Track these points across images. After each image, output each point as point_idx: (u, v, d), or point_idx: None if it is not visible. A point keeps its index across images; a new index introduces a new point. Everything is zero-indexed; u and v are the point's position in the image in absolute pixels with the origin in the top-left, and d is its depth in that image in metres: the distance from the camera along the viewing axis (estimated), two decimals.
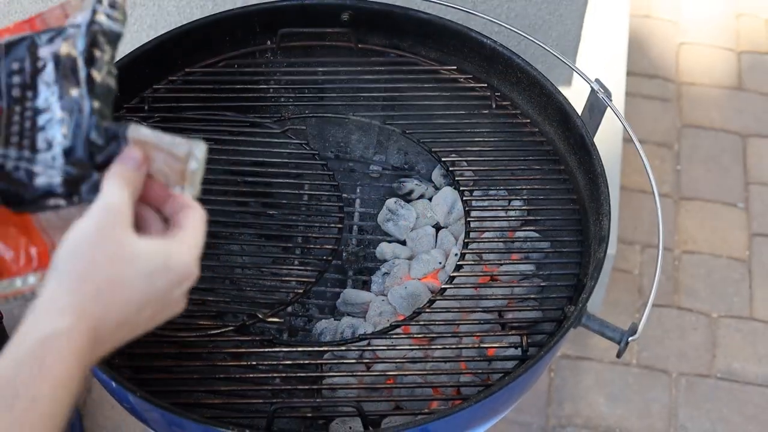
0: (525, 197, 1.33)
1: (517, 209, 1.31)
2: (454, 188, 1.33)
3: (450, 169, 1.29)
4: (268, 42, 1.41)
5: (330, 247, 1.21)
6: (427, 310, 1.14)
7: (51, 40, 0.73)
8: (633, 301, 2.05)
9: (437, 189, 1.45)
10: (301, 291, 1.16)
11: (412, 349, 1.16)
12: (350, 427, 1.12)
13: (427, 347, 1.16)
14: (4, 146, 0.70)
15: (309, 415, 1.13)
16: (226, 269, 1.32)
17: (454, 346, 1.15)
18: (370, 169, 1.51)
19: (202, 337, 1.11)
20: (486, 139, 1.32)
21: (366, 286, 1.34)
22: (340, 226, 1.23)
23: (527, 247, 1.28)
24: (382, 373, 1.16)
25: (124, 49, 1.81)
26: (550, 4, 1.76)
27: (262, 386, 1.10)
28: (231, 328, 1.12)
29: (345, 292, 1.31)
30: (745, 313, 2.03)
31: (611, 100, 1.23)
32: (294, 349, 1.14)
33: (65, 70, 0.72)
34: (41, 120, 0.71)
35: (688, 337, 1.99)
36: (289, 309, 1.30)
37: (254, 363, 1.14)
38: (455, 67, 1.38)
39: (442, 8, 1.43)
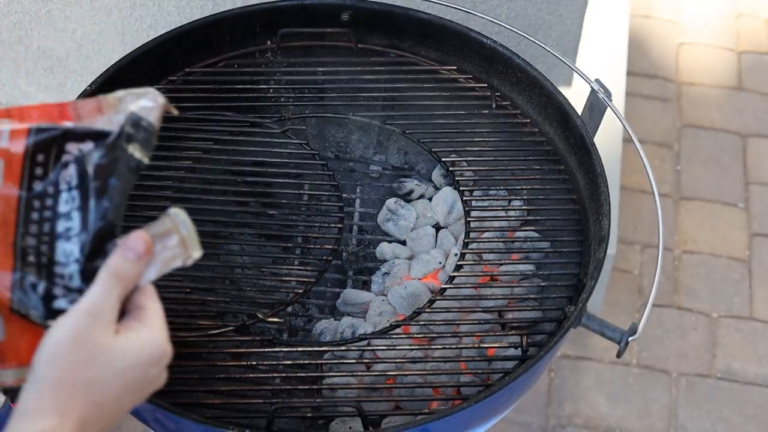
0: (525, 197, 1.33)
1: (517, 209, 1.31)
2: (454, 188, 1.33)
3: (450, 169, 1.29)
4: (268, 42, 1.41)
5: (330, 247, 1.21)
6: (427, 310, 1.14)
7: (80, 139, 0.71)
8: (633, 301, 2.05)
9: (437, 189, 1.45)
10: (301, 291, 1.16)
11: (412, 349, 1.16)
12: (350, 427, 1.12)
13: (427, 347, 1.16)
14: (22, 262, 0.69)
15: (309, 415, 1.13)
16: (226, 269, 1.32)
17: (454, 346, 1.15)
18: (370, 169, 1.51)
19: (202, 337, 1.11)
20: (486, 139, 1.32)
21: (366, 286, 1.34)
22: (340, 226, 1.23)
23: (527, 247, 1.28)
24: (382, 373, 1.16)
25: (124, 48, 1.82)
26: (550, 4, 1.76)
27: (262, 386, 1.10)
28: (231, 328, 1.12)
29: (345, 292, 1.31)
30: (745, 313, 2.03)
31: (611, 100, 1.23)
32: (294, 349, 1.14)
33: (86, 177, 0.70)
34: (60, 226, 0.70)
35: (688, 337, 1.99)
36: (289, 309, 1.30)
37: (254, 363, 1.14)
38: (455, 67, 1.38)
39: (442, 8, 1.43)
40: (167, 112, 0.74)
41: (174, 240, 0.72)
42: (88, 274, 0.69)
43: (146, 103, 0.72)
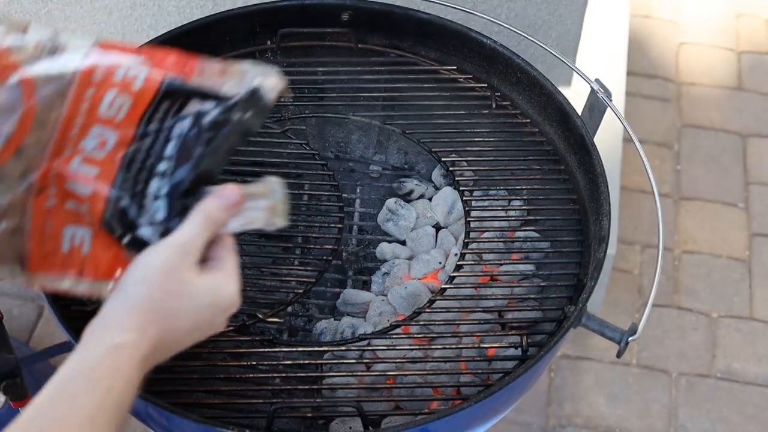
0: (525, 197, 1.33)
1: (517, 209, 1.31)
2: (454, 188, 1.33)
3: (450, 169, 1.29)
4: (268, 42, 1.41)
5: (330, 247, 1.21)
6: (427, 310, 1.14)
7: (203, 98, 0.77)
8: (633, 301, 2.05)
9: (437, 189, 1.45)
10: (301, 291, 1.16)
11: (412, 349, 1.16)
12: (350, 427, 1.12)
13: (427, 347, 1.16)
14: (121, 183, 0.74)
15: (309, 415, 1.13)
16: None
17: (454, 346, 1.15)
18: (370, 169, 1.51)
19: None
20: (486, 139, 1.32)
21: (366, 286, 1.34)
22: (340, 226, 1.23)
23: (527, 247, 1.28)
24: (382, 373, 1.16)
25: None
26: (550, 4, 1.76)
27: (262, 386, 1.10)
28: (231, 328, 1.12)
29: (345, 292, 1.31)
30: (745, 313, 2.03)
31: (611, 100, 1.23)
32: (294, 349, 1.14)
33: (199, 130, 0.75)
34: (161, 166, 0.75)
35: (688, 337, 1.99)
36: (289, 309, 1.30)
37: (254, 363, 1.14)
38: (455, 67, 1.38)
39: (442, 8, 1.43)
40: (282, 95, 0.80)
41: (263, 204, 0.78)
42: (172, 213, 0.74)
43: (267, 81, 0.79)
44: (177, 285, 0.71)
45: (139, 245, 0.74)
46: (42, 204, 0.73)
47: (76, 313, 1.04)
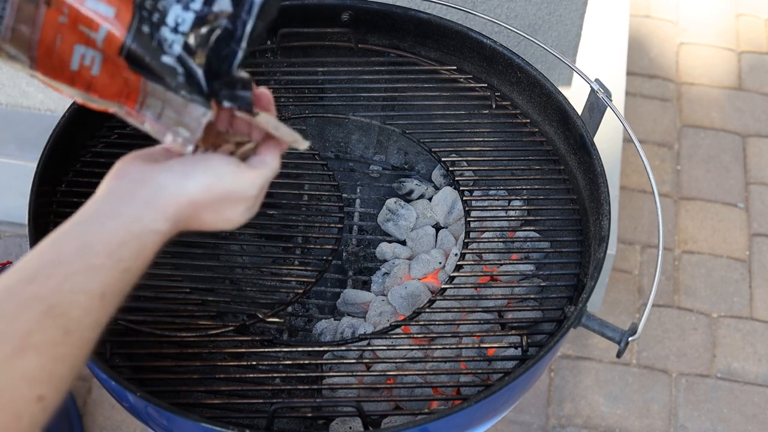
0: (525, 197, 1.33)
1: (517, 209, 1.31)
2: (454, 188, 1.33)
3: (450, 169, 1.29)
4: (268, 42, 1.41)
5: (330, 247, 1.21)
6: (427, 310, 1.14)
7: None
8: (633, 301, 2.05)
9: (437, 189, 1.45)
10: (301, 291, 1.16)
11: (412, 349, 1.16)
12: (350, 427, 1.12)
13: (427, 347, 1.16)
14: (140, 14, 0.71)
15: (309, 415, 1.13)
16: (226, 269, 1.32)
17: (454, 346, 1.15)
18: (370, 169, 1.51)
19: (202, 337, 1.11)
20: (486, 139, 1.32)
21: (366, 286, 1.34)
22: (340, 226, 1.23)
23: (527, 247, 1.28)
24: (382, 373, 1.16)
25: None
26: (550, 4, 1.76)
27: (262, 386, 1.10)
28: (231, 328, 1.12)
29: (345, 292, 1.31)
30: (745, 313, 2.03)
31: (611, 100, 1.23)
32: (294, 349, 1.14)
33: None
34: None
35: (688, 337, 1.99)
36: (289, 309, 1.30)
37: (254, 363, 1.14)
38: (455, 67, 1.38)
39: (442, 8, 1.43)
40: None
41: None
42: (188, 49, 0.72)
43: None
44: (221, 209, 0.74)
45: (158, 72, 0.73)
46: (54, 18, 0.70)
47: None
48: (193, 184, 0.72)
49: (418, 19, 1.36)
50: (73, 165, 1.26)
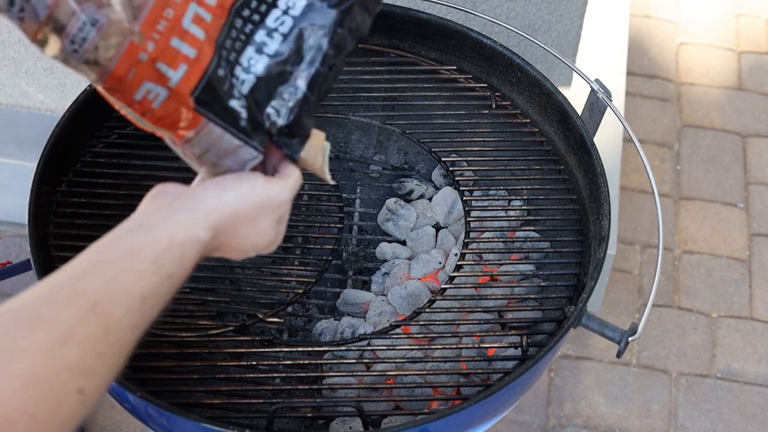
0: (525, 197, 1.33)
1: (517, 209, 1.31)
2: (454, 188, 1.33)
3: (450, 169, 1.29)
4: None
5: (330, 247, 1.21)
6: (427, 310, 1.14)
7: None
8: (633, 301, 2.05)
9: (437, 189, 1.45)
10: (301, 291, 1.16)
11: (412, 349, 1.16)
12: (350, 427, 1.12)
13: (427, 347, 1.16)
14: (219, 55, 0.73)
15: (309, 415, 1.13)
16: (226, 269, 1.31)
17: (454, 346, 1.15)
18: (370, 169, 1.51)
19: (202, 337, 1.11)
20: (486, 139, 1.32)
21: (366, 286, 1.34)
22: (340, 226, 1.23)
23: (527, 247, 1.28)
24: (382, 373, 1.16)
25: None
26: (550, 4, 1.76)
27: (262, 386, 1.10)
28: (231, 328, 1.12)
29: (345, 292, 1.31)
30: (745, 313, 2.03)
31: (611, 100, 1.23)
32: (294, 349, 1.14)
33: (309, 11, 0.76)
34: (258, 36, 0.76)
35: (688, 337, 1.99)
36: (289, 309, 1.30)
37: (254, 363, 1.14)
38: (455, 67, 1.38)
39: (442, 8, 1.43)
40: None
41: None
42: (255, 93, 0.76)
43: None
44: (257, 220, 0.77)
45: (222, 115, 0.75)
46: (134, 53, 0.71)
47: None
48: (230, 194, 0.76)
49: (417, 19, 1.36)
50: (73, 165, 1.26)
